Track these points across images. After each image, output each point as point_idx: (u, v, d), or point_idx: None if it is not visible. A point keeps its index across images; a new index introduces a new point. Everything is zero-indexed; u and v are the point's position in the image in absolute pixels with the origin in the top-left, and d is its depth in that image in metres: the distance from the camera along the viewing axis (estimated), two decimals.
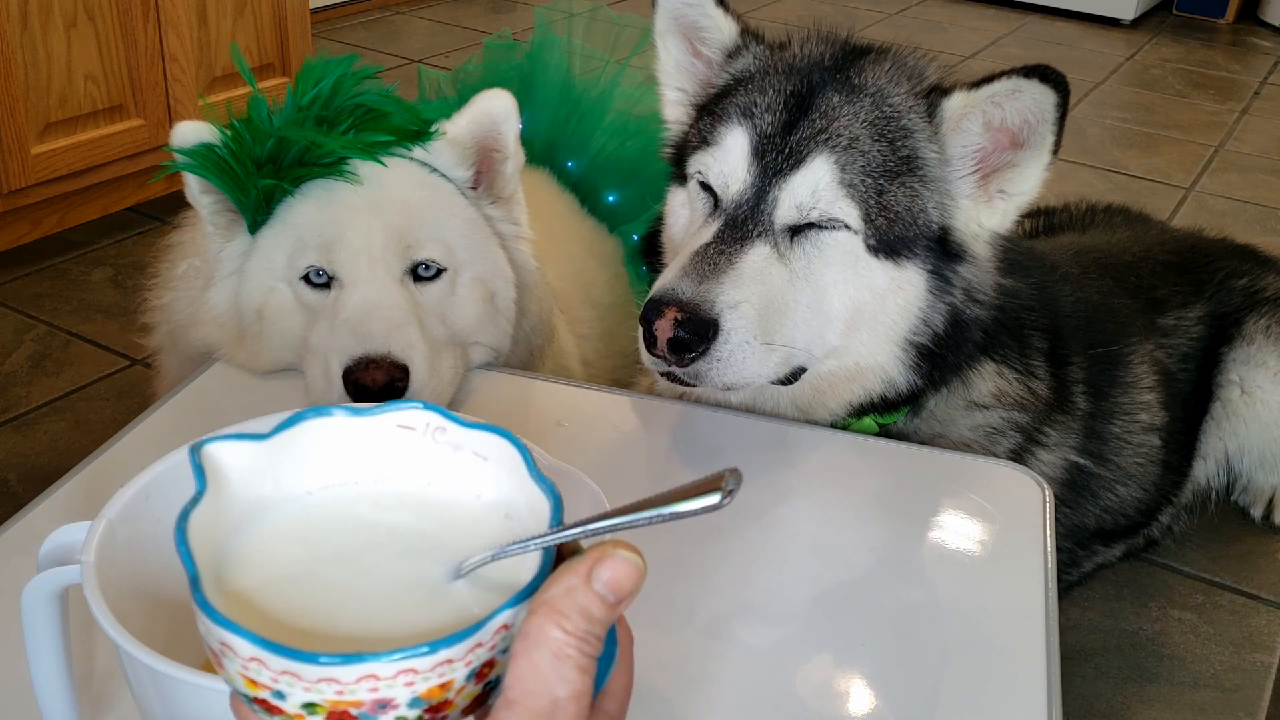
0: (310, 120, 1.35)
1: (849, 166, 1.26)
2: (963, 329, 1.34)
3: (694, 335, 1.19)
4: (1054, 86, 1.21)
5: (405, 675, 0.54)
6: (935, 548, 1.22)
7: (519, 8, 5.15)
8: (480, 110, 1.42)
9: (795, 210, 1.27)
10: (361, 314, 1.31)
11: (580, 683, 0.56)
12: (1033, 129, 1.26)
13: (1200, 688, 1.77)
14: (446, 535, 0.65)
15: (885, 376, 1.34)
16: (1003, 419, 1.45)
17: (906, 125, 1.30)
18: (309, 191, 1.36)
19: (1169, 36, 5.45)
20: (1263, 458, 2.03)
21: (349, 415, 0.67)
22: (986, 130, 1.29)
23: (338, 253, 1.33)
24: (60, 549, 0.79)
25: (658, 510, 0.60)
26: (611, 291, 1.96)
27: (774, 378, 1.28)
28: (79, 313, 2.65)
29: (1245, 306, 2.01)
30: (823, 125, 1.28)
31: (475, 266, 1.41)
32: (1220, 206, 3.58)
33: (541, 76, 2.15)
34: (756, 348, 1.22)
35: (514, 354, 1.51)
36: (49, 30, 2.68)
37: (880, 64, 1.35)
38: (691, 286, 1.21)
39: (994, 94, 1.26)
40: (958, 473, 1.31)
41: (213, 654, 0.57)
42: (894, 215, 1.27)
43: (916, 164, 1.29)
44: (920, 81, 1.34)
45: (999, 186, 1.31)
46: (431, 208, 1.39)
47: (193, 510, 0.60)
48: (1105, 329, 1.75)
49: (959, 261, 1.32)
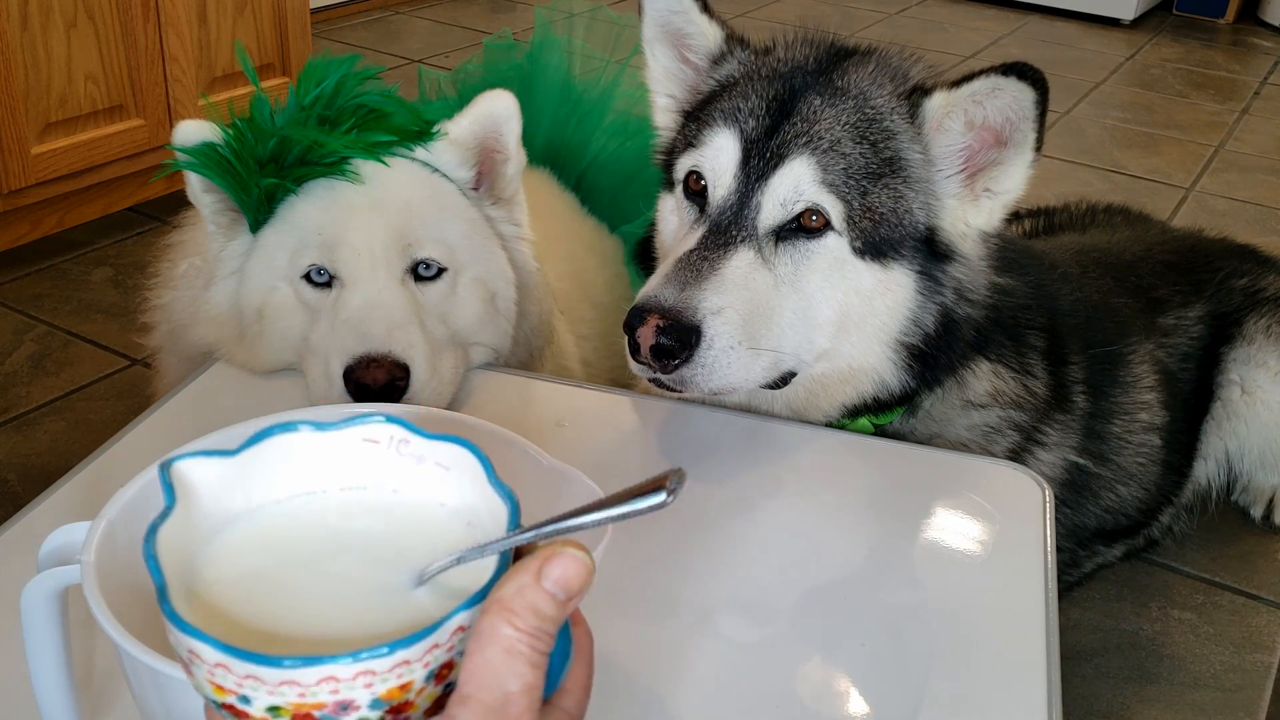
0: (313, 120, 1.35)
1: (830, 168, 1.27)
2: (954, 328, 1.34)
3: (676, 342, 1.19)
4: (1032, 84, 1.21)
5: (364, 677, 0.55)
6: (935, 548, 1.22)
7: (519, 8, 5.15)
8: (482, 111, 1.42)
9: (778, 208, 1.27)
10: (363, 313, 1.31)
11: (532, 677, 0.58)
12: (1014, 126, 1.26)
13: (1200, 688, 1.77)
14: (411, 542, 0.66)
15: (878, 378, 1.34)
16: (1000, 418, 1.45)
17: (889, 127, 1.30)
18: (311, 190, 1.36)
19: (1169, 36, 5.45)
20: (1263, 458, 2.03)
21: (314, 430, 0.68)
22: (969, 129, 1.29)
23: (339, 252, 1.33)
24: (60, 549, 0.79)
25: (607, 511, 0.62)
26: (612, 291, 1.96)
27: (762, 382, 1.28)
28: (79, 313, 2.65)
29: (1245, 306, 2.01)
30: (804, 128, 1.28)
31: (476, 267, 1.41)
32: (1220, 206, 3.58)
33: (542, 76, 2.15)
34: (742, 353, 1.22)
35: (514, 354, 1.51)
36: (49, 30, 2.68)
37: (864, 66, 1.35)
38: (674, 293, 1.21)
39: (974, 93, 1.26)
40: (957, 472, 1.31)
41: (183, 663, 0.58)
42: (878, 217, 1.27)
43: (900, 165, 1.29)
44: (904, 82, 1.34)
45: (985, 185, 1.31)
46: (433, 208, 1.39)
47: (161, 524, 0.62)
48: (1105, 328, 1.75)
49: (948, 261, 1.32)
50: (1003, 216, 1.34)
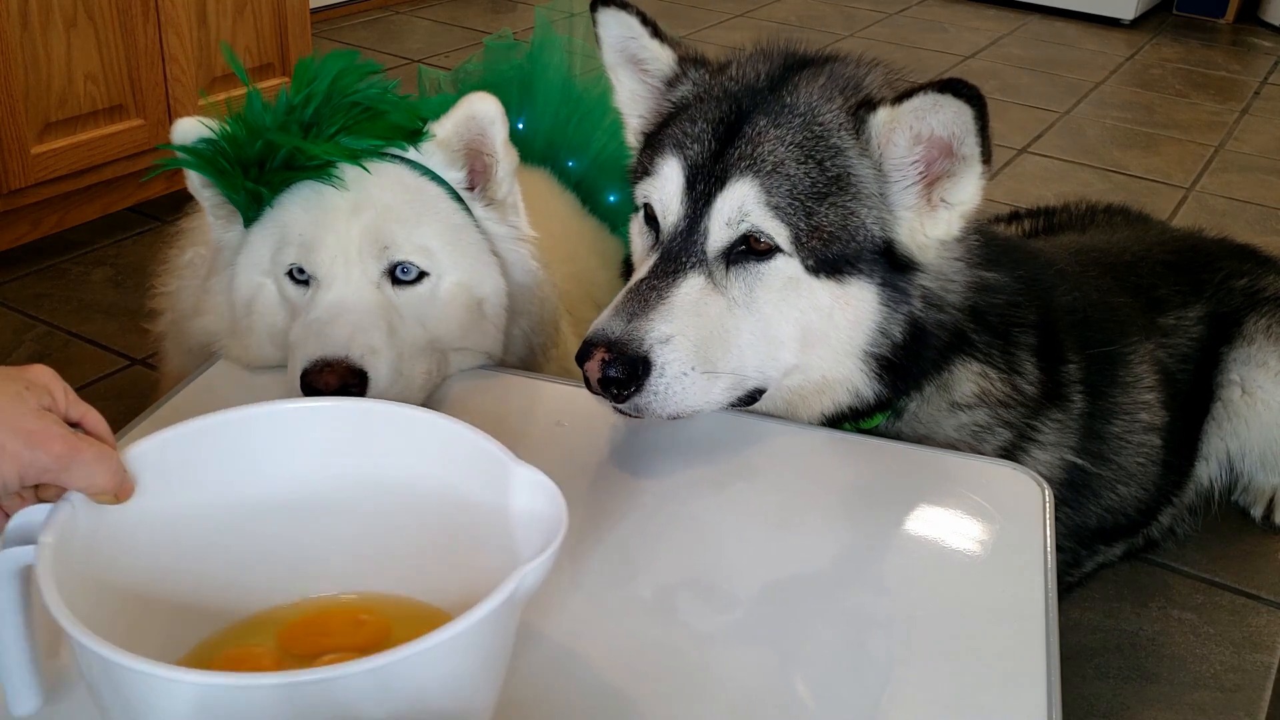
0: (298, 123, 1.36)
1: (774, 190, 1.26)
2: (924, 337, 1.34)
3: (624, 374, 1.21)
4: (968, 100, 1.20)
5: None
6: (935, 547, 1.22)
7: (519, 8, 5.14)
8: (464, 114, 1.42)
9: (724, 229, 1.27)
10: (328, 316, 1.31)
11: None
12: (960, 140, 1.25)
13: (1200, 688, 1.77)
14: None
15: (851, 388, 1.35)
16: (989, 416, 1.45)
17: (836, 144, 1.29)
18: (297, 191, 1.37)
19: (1169, 36, 5.45)
20: (1263, 458, 2.03)
21: None
22: (917, 142, 1.28)
23: (316, 253, 1.34)
24: (25, 528, 0.81)
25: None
26: (613, 291, 1.94)
27: (723, 403, 1.29)
28: (79, 313, 2.65)
29: (1245, 306, 2.01)
30: (748, 150, 1.28)
31: (459, 271, 1.41)
32: (1220, 206, 3.58)
33: (542, 76, 2.15)
34: (696, 378, 1.23)
35: (513, 353, 1.51)
36: (49, 30, 2.68)
37: (815, 80, 1.34)
38: (621, 325, 1.23)
39: (916, 108, 1.25)
40: (958, 472, 1.31)
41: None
42: (827, 235, 1.27)
43: (849, 181, 1.29)
44: (855, 94, 1.33)
45: (941, 195, 1.30)
46: (413, 211, 1.38)
47: None
48: (1105, 328, 1.75)
49: (911, 271, 1.32)
50: (961, 226, 1.33)
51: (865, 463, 1.33)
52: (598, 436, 1.33)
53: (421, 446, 0.96)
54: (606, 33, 1.44)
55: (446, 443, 0.94)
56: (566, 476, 1.25)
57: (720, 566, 1.14)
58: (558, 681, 0.98)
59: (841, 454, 1.35)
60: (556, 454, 1.31)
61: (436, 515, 0.95)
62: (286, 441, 0.96)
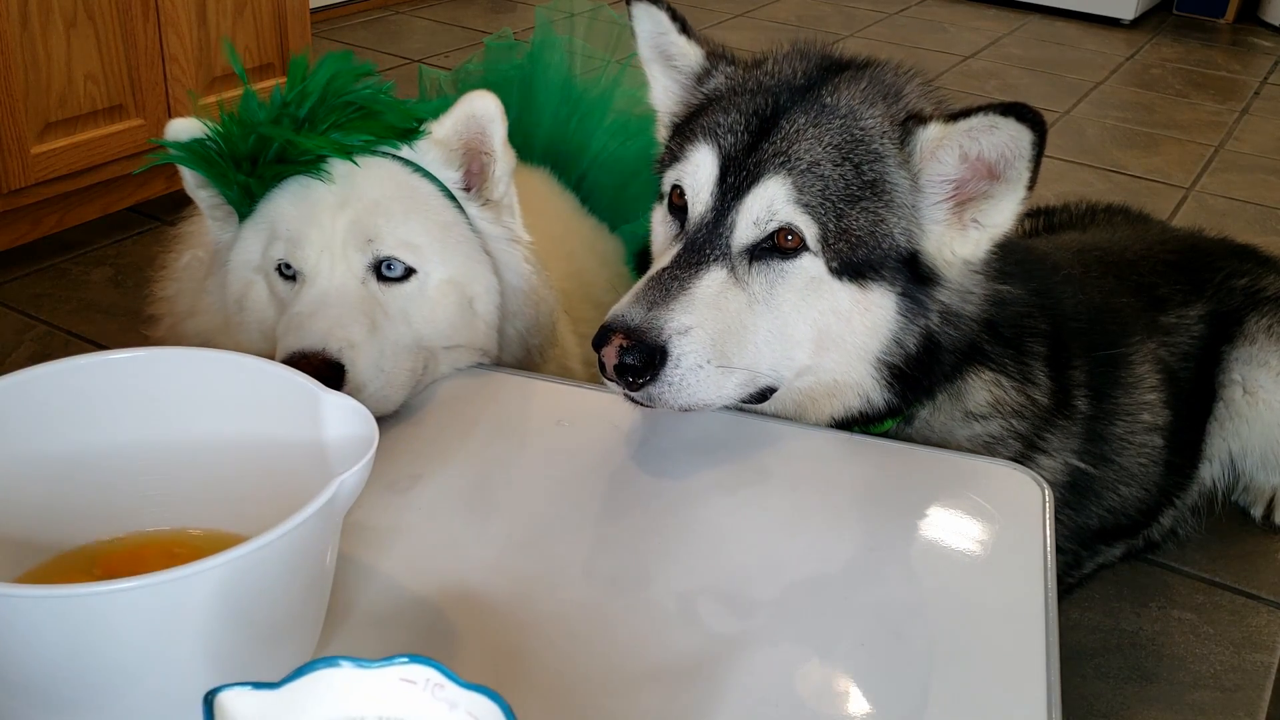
0: (291, 119, 1.36)
1: (807, 189, 1.26)
2: (937, 352, 1.34)
3: (640, 361, 1.20)
4: (1030, 126, 1.20)
5: None
6: (935, 547, 1.22)
7: (519, 8, 5.15)
8: (464, 113, 1.41)
9: (752, 226, 1.27)
10: (309, 309, 1.31)
11: None
12: (1009, 164, 1.25)
13: (1200, 688, 1.77)
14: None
15: (861, 393, 1.35)
16: (1002, 428, 1.45)
17: (876, 149, 1.29)
18: (287, 187, 1.37)
19: (1169, 36, 5.45)
20: (1264, 458, 2.03)
21: (355, 667, 0.72)
22: (963, 161, 1.28)
23: (301, 247, 1.34)
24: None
25: None
26: (613, 291, 1.95)
27: (735, 399, 1.29)
28: (79, 313, 2.65)
29: (1246, 306, 2.01)
30: (783, 146, 1.28)
31: (448, 270, 1.40)
32: (1220, 206, 3.58)
33: (542, 76, 2.15)
34: (711, 371, 1.23)
35: (509, 353, 1.51)
36: (49, 30, 2.68)
37: (856, 83, 1.34)
38: (641, 313, 1.23)
39: (971, 128, 1.24)
40: (957, 473, 1.31)
41: None
42: (855, 239, 1.27)
43: (884, 188, 1.28)
44: (897, 101, 1.33)
45: (974, 216, 1.30)
46: (401, 207, 1.38)
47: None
48: (1108, 330, 1.75)
49: (932, 285, 1.32)
50: (989, 248, 1.33)
51: (866, 463, 1.33)
52: (598, 436, 1.33)
53: (233, 387, 1.03)
54: (640, 27, 1.46)
55: (256, 381, 1.01)
56: (567, 476, 1.26)
57: (720, 567, 1.14)
58: (565, 685, 0.98)
59: (843, 455, 1.34)
60: (556, 454, 1.31)
61: (253, 451, 1.02)
62: (109, 390, 1.02)
